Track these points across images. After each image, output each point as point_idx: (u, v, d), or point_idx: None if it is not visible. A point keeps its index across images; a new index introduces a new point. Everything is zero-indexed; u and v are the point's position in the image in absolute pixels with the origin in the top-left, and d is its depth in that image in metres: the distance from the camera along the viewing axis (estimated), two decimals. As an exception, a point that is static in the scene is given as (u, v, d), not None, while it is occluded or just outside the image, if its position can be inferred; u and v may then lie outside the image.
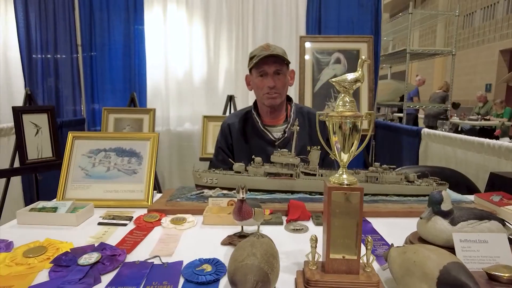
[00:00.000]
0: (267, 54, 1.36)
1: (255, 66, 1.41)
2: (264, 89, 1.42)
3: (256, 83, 1.45)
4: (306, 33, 3.55)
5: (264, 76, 1.42)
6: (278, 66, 1.40)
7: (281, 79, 1.42)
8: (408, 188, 1.22)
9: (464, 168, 2.20)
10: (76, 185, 1.17)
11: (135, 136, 1.25)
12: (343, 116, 0.65)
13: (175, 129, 3.77)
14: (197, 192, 1.18)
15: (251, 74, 1.50)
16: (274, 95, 1.42)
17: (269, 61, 1.39)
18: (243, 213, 0.82)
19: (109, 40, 3.42)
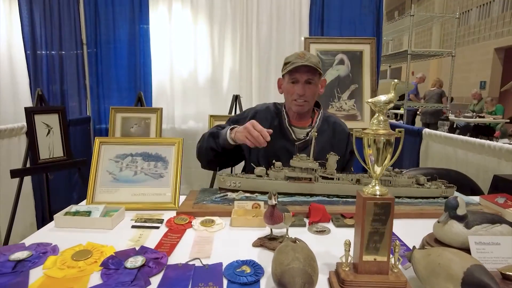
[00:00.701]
0: (301, 64, 1.40)
1: (288, 73, 1.45)
2: (293, 96, 1.47)
3: (287, 89, 1.50)
4: (309, 34, 3.60)
5: (295, 83, 1.46)
6: (310, 76, 1.44)
7: (312, 88, 1.47)
8: (419, 191, 1.29)
9: (464, 168, 2.29)
10: (104, 189, 1.22)
11: (160, 141, 1.30)
12: (377, 134, 0.71)
13: (180, 127, 3.82)
14: (221, 195, 1.24)
15: (283, 79, 1.55)
16: (302, 103, 1.46)
17: (302, 70, 1.42)
18: (275, 218, 0.89)
19: (114, 39, 3.44)
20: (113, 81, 3.52)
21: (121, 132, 3.05)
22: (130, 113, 3.07)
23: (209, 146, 1.46)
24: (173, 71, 3.61)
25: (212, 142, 1.45)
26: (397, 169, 1.33)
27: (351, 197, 1.26)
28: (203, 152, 1.51)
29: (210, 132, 1.50)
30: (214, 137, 1.45)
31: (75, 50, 3.46)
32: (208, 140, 1.47)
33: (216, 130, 1.48)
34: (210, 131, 1.52)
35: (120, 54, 3.48)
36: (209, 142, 1.47)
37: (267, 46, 3.68)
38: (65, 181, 3.20)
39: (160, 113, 3.13)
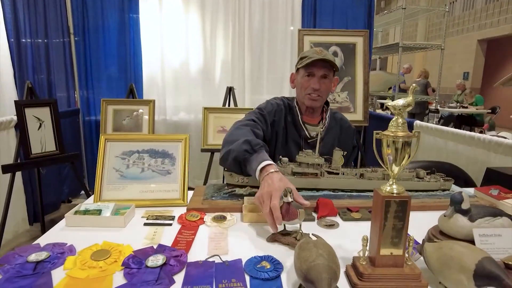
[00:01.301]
0: (319, 58, 1.42)
1: (305, 66, 1.46)
2: (307, 89, 1.48)
3: (301, 82, 1.51)
4: (301, 25, 3.61)
5: (311, 77, 1.48)
6: (326, 71, 1.47)
7: (326, 83, 1.49)
8: (419, 184, 1.34)
9: (455, 160, 2.37)
10: (111, 186, 1.21)
11: (167, 137, 1.29)
12: (396, 136, 0.74)
13: (171, 119, 3.79)
14: (229, 191, 1.25)
15: (297, 73, 1.56)
16: (316, 97, 1.48)
17: (319, 64, 1.45)
18: (290, 215, 0.91)
19: (103, 28, 3.36)
20: (102, 72, 3.45)
21: (113, 124, 3.01)
22: (122, 105, 3.02)
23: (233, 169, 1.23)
24: (164, 61, 3.57)
25: (237, 168, 1.21)
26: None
27: (356, 191, 1.30)
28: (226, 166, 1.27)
29: (236, 155, 1.17)
30: (240, 164, 1.18)
31: (61, 39, 3.36)
32: (234, 164, 1.20)
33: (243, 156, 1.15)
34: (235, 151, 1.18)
35: (109, 44, 3.40)
36: (235, 166, 1.20)
37: (260, 37, 3.67)
38: (55, 175, 3.14)
39: (152, 105, 3.09)
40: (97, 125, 3.50)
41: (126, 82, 3.43)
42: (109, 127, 2.99)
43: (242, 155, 1.16)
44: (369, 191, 1.31)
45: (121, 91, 3.46)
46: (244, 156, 1.15)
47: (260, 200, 1.01)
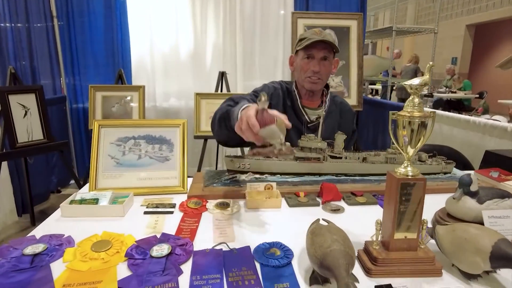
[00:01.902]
0: (319, 39, 1.37)
1: (304, 48, 1.41)
2: (307, 72, 1.44)
3: (301, 65, 1.46)
4: (294, 8, 3.53)
5: (311, 60, 1.43)
6: (326, 53, 1.42)
7: (327, 65, 1.45)
8: (421, 167, 1.33)
9: (450, 143, 2.38)
10: (107, 174, 1.16)
11: (164, 123, 1.24)
12: (412, 116, 0.71)
13: (161, 105, 3.70)
14: (230, 177, 1.21)
15: (296, 55, 1.51)
16: (316, 80, 1.44)
17: (319, 46, 1.40)
18: (266, 119, 0.83)
19: (88, 12, 3.22)
20: (89, 57, 3.32)
21: (101, 111, 2.92)
22: (110, 92, 2.93)
23: (222, 131, 1.20)
24: (153, 46, 3.45)
25: (223, 127, 1.18)
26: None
27: (359, 175, 1.28)
28: (217, 134, 1.27)
29: (221, 113, 1.19)
30: (225, 119, 1.16)
31: (44, 23, 3.21)
32: (220, 124, 1.19)
33: (226, 109, 1.16)
34: (220, 110, 1.22)
35: (95, 28, 3.27)
36: (220, 125, 1.19)
37: (251, 20, 3.58)
38: (42, 164, 3.04)
39: (142, 91, 3.01)
40: (84, 113, 3.39)
41: (114, 67, 3.32)
42: (98, 114, 2.90)
43: (225, 110, 1.15)
44: (372, 174, 1.29)
45: (108, 77, 3.34)
46: (226, 109, 1.15)
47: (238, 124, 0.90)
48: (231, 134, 1.13)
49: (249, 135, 0.85)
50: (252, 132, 0.84)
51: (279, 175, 1.22)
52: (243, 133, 0.87)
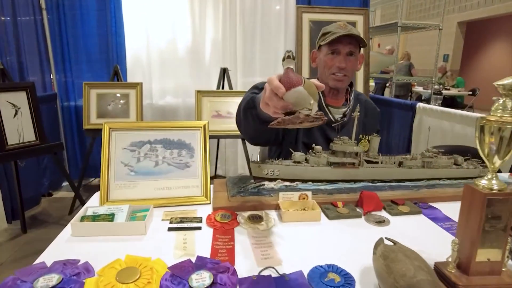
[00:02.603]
0: (345, 33, 1.26)
1: (328, 43, 1.30)
2: (332, 69, 1.34)
3: (325, 61, 1.36)
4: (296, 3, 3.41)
5: (336, 55, 1.33)
6: (352, 48, 1.32)
7: (353, 61, 1.35)
8: (458, 172, 1.24)
9: (462, 143, 2.31)
10: (120, 184, 1.03)
11: (182, 125, 1.11)
12: (504, 122, 0.61)
13: (157, 103, 3.54)
14: (257, 185, 1.09)
15: (318, 51, 1.40)
16: (342, 77, 1.34)
17: (345, 40, 1.30)
18: (292, 80, 0.70)
19: (80, 5, 3.03)
20: (82, 53, 3.13)
21: (96, 110, 2.75)
22: (106, 89, 2.76)
23: (248, 123, 1.07)
24: (150, 41, 3.28)
25: (250, 117, 1.04)
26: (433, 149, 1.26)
27: (396, 181, 1.17)
28: (244, 129, 1.14)
29: (245, 102, 1.06)
30: (250, 108, 1.03)
31: (32, 16, 3.00)
32: (245, 114, 1.07)
33: (251, 97, 1.03)
34: (244, 100, 1.09)
35: (88, 22, 3.09)
36: (246, 116, 1.06)
37: (252, 15, 3.44)
38: (33, 166, 2.86)
39: (140, 88, 2.85)
40: (77, 111, 3.21)
41: (108, 63, 3.14)
42: (92, 113, 2.73)
43: (250, 97, 1.03)
44: (408, 180, 1.19)
45: (103, 73, 3.16)
46: (251, 97, 1.03)
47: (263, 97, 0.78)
48: (258, 125, 1.03)
49: (274, 103, 0.73)
50: (277, 99, 0.72)
51: (311, 183, 1.11)
52: (268, 105, 0.76)
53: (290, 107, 0.74)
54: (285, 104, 0.73)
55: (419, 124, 2.79)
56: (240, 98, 1.32)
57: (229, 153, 3.71)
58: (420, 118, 2.77)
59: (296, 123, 0.73)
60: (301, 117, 0.72)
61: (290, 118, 0.73)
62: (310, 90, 0.72)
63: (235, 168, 3.78)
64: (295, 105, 0.73)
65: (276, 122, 0.75)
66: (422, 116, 2.76)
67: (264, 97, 0.77)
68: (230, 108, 2.87)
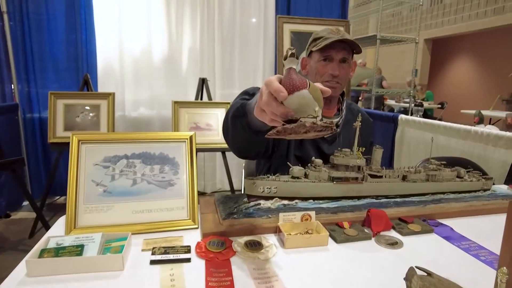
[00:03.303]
0: (338, 39, 1.18)
1: (321, 49, 1.21)
2: (324, 76, 1.25)
3: (317, 68, 1.26)
4: (275, 12, 3.38)
5: (328, 62, 1.24)
6: (346, 54, 1.24)
7: (346, 68, 1.27)
8: (463, 185, 1.17)
9: (447, 153, 2.30)
10: (91, 207, 0.86)
11: (165, 136, 0.96)
12: None
13: (130, 115, 3.34)
14: (252, 204, 0.96)
15: (309, 57, 1.31)
16: (335, 84, 1.25)
17: (338, 46, 1.22)
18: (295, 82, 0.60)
19: (47, 9, 2.82)
20: (47, 61, 2.90)
21: (64, 122, 2.53)
22: (75, 99, 2.54)
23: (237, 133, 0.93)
24: (123, 49, 3.11)
25: (239, 126, 0.90)
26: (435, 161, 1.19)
27: (400, 196, 1.08)
28: (232, 139, 1.00)
29: (234, 109, 0.91)
30: (240, 116, 0.89)
31: (-9, 20, 2.76)
32: (234, 123, 0.92)
33: (241, 103, 0.89)
34: (233, 107, 0.94)
35: (55, 28, 2.88)
36: (235, 125, 0.92)
37: (231, 25, 3.37)
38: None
39: (112, 99, 2.66)
40: (41, 123, 2.95)
41: (77, 72, 2.93)
42: (59, 125, 2.50)
43: (239, 104, 0.89)
44: (413, 195, 1.11)
45: (71, 83, 2.94)
46: (241, 104, 0.89)
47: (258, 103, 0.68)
48: (249, 135, 0.90)
49: (273, 109, 0.63)
50: (277, 104, 0.62)
51: (312, 200, 0.99)
52: (265, 111, 0.65)
53: (291, 114, 0.63)
54: (286, 111, 0.62)
55: (402, 136, 2.77)
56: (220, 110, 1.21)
57: (208, 168, 3.55)
58: (403, 129, 2.76)
59: (300, 132, 0.61)
60: (307, 126, 0.61)
61: (293, 127, 0.61)
62: (315, 94, 0.61)
63: (213, 183, 3.62)
64: (297, 112, 0.62)
65: (275, 131, 0.63)
66: (404, 128, 2.75)
67: (260, 102, 0.66)
68: (209, 120, 2.74)
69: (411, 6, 9.72)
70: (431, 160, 1.17)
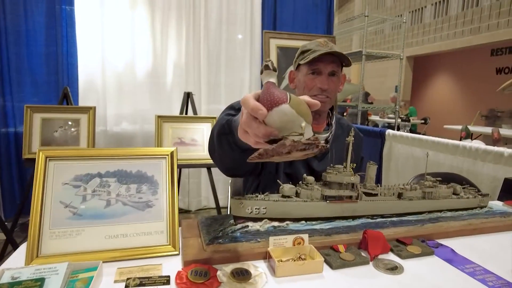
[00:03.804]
0: (326, 52, 1.13)
1: (309, 62, 1.17)
2: (313, 90, 1.20)
3: (305, 82, 1.21)
4: (261, 27, 3.38)
5: (317, 75, 1.19)
6: (335, 67, 1.20)
7: (335, 82, 1.22)
8: (460, 202, 1.13)
9: (436, 169, 2.28)
10: (58, 232, 0.77)
11: (143, 152, 0.88)
12: None
13: (112, 130, 3.22)
14: (239, 227, 0.88)
15: (297, 70, 1.26)
16: (324, 99, 1.20)
17: (326, 59, 1.17)
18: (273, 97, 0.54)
19: (26, 21, 2.73)
20: (25, 74, 2.79)
21: (40, 137, 2.40)
22: (53, 113, 2.42)
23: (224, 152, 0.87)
24: (105, 62, 3.02)
25: (225, 145, 0.84)
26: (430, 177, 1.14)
27: (396, 215, 1.02)
28: (219, 159, 0.94)
29: (220, 126, 0.85)
30: (226, 134, 0.83)
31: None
32: (220, 141, 0.86)
33: (226, 120, 0.83)
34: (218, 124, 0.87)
35: (35, 40, 2.78)
36: (221, 143, 0.86)
37: (217, 38, 3.34)
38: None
39: (92, 113, 2.55)
40: (16, 139, 2.80)
41: (57, 86, 2.82)
42: (35, 140, 2.36)
43: (225, 120, 0.83)
44: (409, 214, 1.05)
45: (50, 97, 2.82)
46: (226, 120, 0.82)
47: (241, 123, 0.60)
48: (237, 154, 0.83)
49: (254, 130, 0.57)
50: (257, 123, 0.56)
51: (304, 222, 0.92)
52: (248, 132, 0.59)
53: (274, 133, 0.56)
54: (268, 130, 0.56)
55: (389, 152, 2.75)
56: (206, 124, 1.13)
57: (192, 184, 3.44)
58: (390, 145, 2.74)
59: (283, 153, 0.55)
60: (287, 145, 0.54)
61: (274, 148, 0.55)
62: (299, 108, 0.55)
63: (199, 201, 3.51)
64: (281, 130, 0.56)
65: (257, 154, 0.56)
66: (392, 143, 2.73)
67: (241, 122, 0.60)
68: (194, 135, 2.65)
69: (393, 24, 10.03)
70: (426, 176, 1.12)
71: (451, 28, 8.77)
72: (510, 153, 1.81)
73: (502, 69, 8.71)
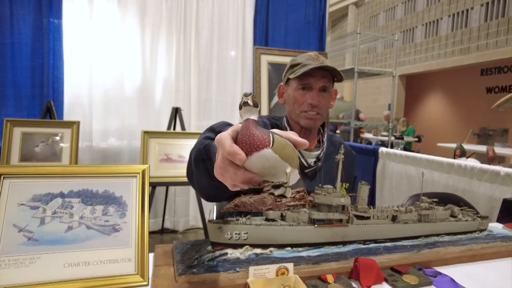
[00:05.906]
0: (318, 66, 1.09)
1: (299, 77, 1.11)
2: (303, 106, 1.14)
3: (295, 97, 1.16)
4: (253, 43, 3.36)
5: (307, 91, 1.14)
6: (326, 82, 1.15)
7: (326, 98, 1.17)
8: (458, 225, 1.05)
9: (430, 188, 2.22)
10: (9, 260, 0.67)
11: (111, 170, 0.80)
12: None
13: (98, 145, 3.12)
14: (218, 255, 0.79)
15: (286, 85, 1.21)
16: (314, 115, 1.15)
17: (317, 74, 1.13)
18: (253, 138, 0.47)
19: (12, 33, 2.66)
20: (8, 86, 2.70)
21: (20, 152, 2.29)
22: (34, 127, 2.33)
23: (202, 177, 0.79)
24: (93, 76, 2.96)
25: (203, 171, 0.78)
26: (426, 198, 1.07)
27: (390, 240, 0.95)
28: (198, 184, 0.85)
29: (197, 150, 0.79)
30: (203, 160, 0.77)
31: None
32: (197, 166, 0.79)
33: (204, 144, 0.77)
34: (196, 147, 0.81)
35: (19, 52, 2.71)
36: (198, 169, 0.79)
37: (208, 54, 3.31)
38: None
39: (76, 128, 2.46)
40: (-4, 154, 2.69)
41: (41, 100, 2.73)
42: (14, 155, 2.26)
43: (203, 145, 0.76)
44: (404, 238, 0.97)
45: (34, 111, 2.73)
46: (204, 145, 0.76)
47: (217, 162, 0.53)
48: (216, 182, 0.73)
49: (231, 176, 0.50)
50: (235, 169, 0.49)
51: (290, 248, 0.84)
52: (225, 175, 0.52)
53: (256, 179, 0.49)
54: (248, 176, 0.49)
55: (383, 170, 2.69)
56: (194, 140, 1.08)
57: (180, 203, 3.32)
58: (384, 163, 2.68)
59: (263, 210, 0.49)
60: (268, 204, 0.48)
61: (253, 203, 0.48)
62: (283, 152, 0.48)
63: (186, 220, 3.39)
64: (263, 176, 0.49)
65: (233, 205, 0.50)
66: (385, 161, 2.67)
67: (216, 165, 0.53)
68: (182, 151, 2.57)
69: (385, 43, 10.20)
70: (422, 197, 1.05)
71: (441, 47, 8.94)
72: (506, 172, 1.75)
73: (492, 88, 8.85)
